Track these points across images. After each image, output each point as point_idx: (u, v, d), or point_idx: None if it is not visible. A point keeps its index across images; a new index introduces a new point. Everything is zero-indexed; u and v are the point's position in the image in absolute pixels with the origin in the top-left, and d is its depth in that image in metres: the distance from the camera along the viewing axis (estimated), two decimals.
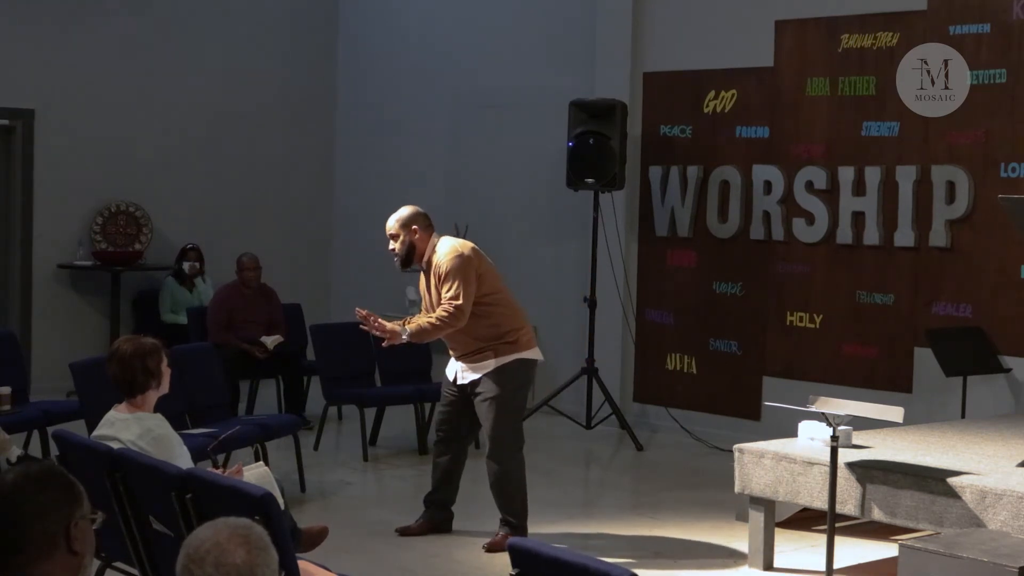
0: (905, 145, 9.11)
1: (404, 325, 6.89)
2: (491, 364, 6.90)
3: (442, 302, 6.81)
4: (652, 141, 10.41)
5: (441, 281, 6.84)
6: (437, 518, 7.19)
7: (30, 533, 2.75)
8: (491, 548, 6.83)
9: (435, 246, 6.94)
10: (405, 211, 6.99)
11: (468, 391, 6.99)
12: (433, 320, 6.81)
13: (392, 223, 6.96)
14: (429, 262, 6.92)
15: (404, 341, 6.90)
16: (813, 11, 9.55)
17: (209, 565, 2.68)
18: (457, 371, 7.01)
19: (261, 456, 7.62)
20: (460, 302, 6.76)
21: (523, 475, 6.98)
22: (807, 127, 9.59)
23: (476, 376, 6.93)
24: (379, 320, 6.92)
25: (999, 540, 5.47)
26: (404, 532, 7.14)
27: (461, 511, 7.23)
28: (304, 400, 10.19)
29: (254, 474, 5.37)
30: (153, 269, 11.76)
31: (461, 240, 7.10)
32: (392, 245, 6.95)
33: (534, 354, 7.02)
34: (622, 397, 10.41)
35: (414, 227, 6.91)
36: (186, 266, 11.33)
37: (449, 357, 7.10)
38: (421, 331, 6.87)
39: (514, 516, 6.93)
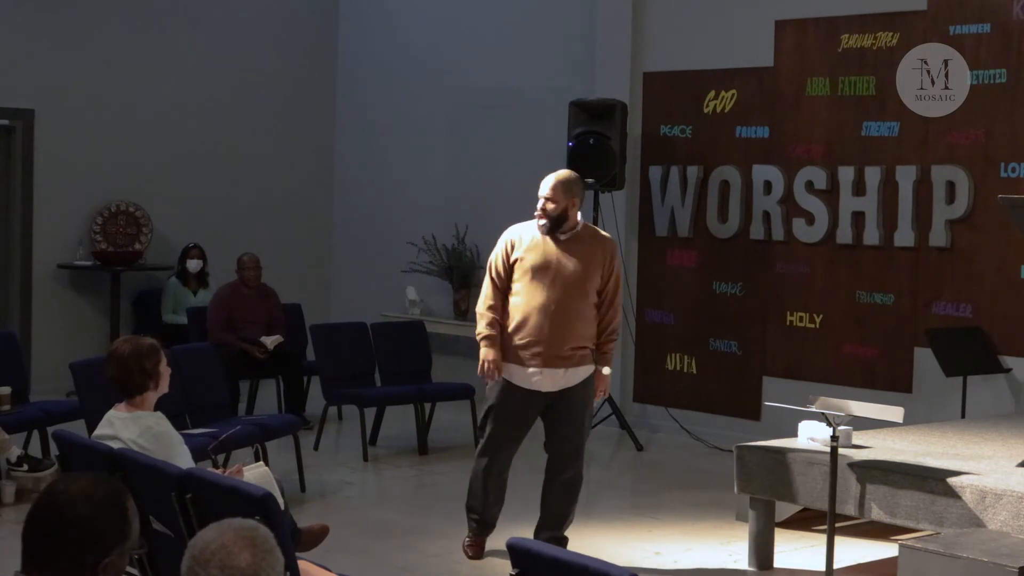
0: (905, 145, 9.10)
1: (600, 364, 6.51)
2: (590, 368, 6.50)
3: (609, 303, 6.47)
4: (652, 141, 10.41)
5: (612, 274, 6.48)
6: (489, 532, 6.80)
7: (64, 554, 2.78)
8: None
9: (589, 226, 6.60)
10: (568, 176, 6.46)
11: (548, 400, 6.52)
12: (614, 340, 6.56)
13: (554, 187, 6.40)
14: (579, 237, 6.46)
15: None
16: (813, 11, 9.55)
17: (214, 567, 2.67)
18: (541, 379, 6.46)
19: (261, 456, 7.61)
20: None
21: None
22: (807, 127, 9.58)
23: (572, 383, 6.48)
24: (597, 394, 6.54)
25: (999, 540, 5.47)
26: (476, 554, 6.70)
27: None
28: (304, 400, 10.19)
29: (254, 474, 5.36)
30: (153, 269, 11.76)
31: None
32: (543, 204, 6.42)
33: None
34: (622, 397, 10.40)
35: (575, 198, 6.43)
36: (191, 264, 11.32)
37: (524, 367, 6.44)
38: (610, 356, 6.60)
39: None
